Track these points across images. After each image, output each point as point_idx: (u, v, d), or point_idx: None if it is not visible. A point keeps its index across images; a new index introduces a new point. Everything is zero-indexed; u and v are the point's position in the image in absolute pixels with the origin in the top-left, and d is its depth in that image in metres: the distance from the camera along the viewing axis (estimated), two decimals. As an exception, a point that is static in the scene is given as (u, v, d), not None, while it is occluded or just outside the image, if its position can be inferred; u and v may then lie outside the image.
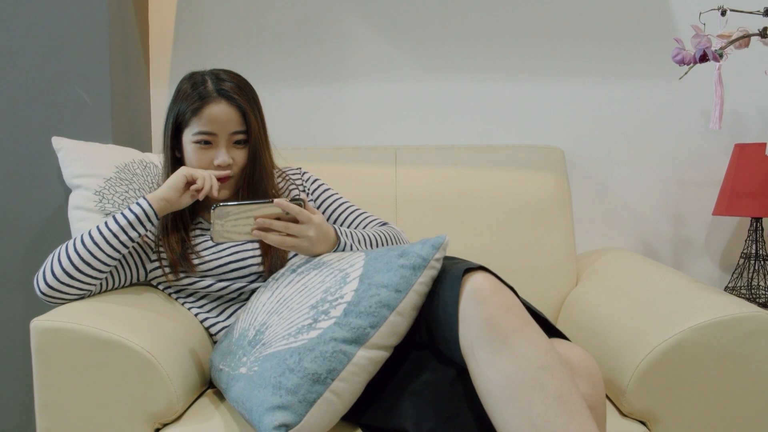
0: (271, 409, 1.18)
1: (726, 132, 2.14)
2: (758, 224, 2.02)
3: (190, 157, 1.57)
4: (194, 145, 1.56)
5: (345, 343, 1.21)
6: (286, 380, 1.19)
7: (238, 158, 1.59)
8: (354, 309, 1.23)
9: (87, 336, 1.28)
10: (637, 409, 1.35)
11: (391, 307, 1.22)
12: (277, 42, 2.13)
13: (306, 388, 1.18)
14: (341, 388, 1.19)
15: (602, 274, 1.78)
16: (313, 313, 1.26)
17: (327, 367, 1.19)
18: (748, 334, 1.33)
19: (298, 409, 1.17)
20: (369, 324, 1.21)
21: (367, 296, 1.24)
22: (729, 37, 1.50)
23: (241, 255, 1.58)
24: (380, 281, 1.25)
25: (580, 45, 2.14)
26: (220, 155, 1.56)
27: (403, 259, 1.25)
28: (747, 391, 1.34)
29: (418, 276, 1.24)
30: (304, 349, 1.22)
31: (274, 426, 1.16)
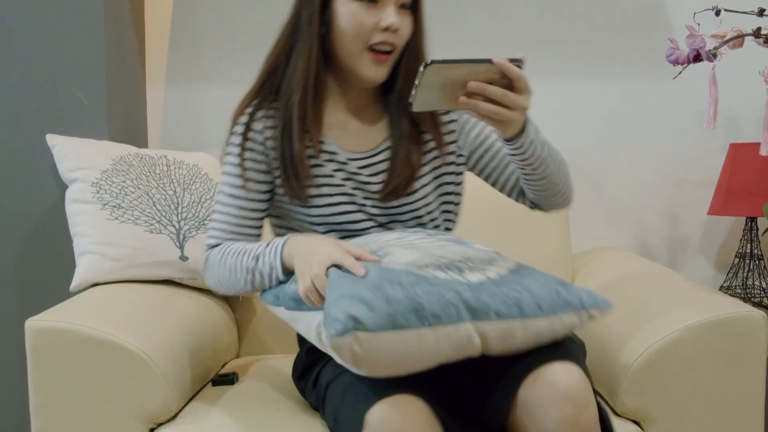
0: (356, 298, 1.05)
1: (721, 132, 2.14)
2: (753, 224, 2.03)
3: (347, 20, 1.29)
4: (355, 5, 1.28)
5: (465, 305, 1.09)
6: (390, 288, 1.07)
7: (404, 25, 1.31)
8: (491, 287, 1.12)
9: (82, 336, 1.28)
10: (631, 409, 1.36)
11: (525, 315, 1.11)
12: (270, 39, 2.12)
13: (403, 308, 1.06)
14: (428, 340, 1.06)
15: (598, 273, 1.78)
16: (446, 261, 1.16)
17: (434, 309, 1.07)
18: (741, 333, 1.34)
19: (381, 319, 1.04)
20: (495, 310, 1.10)
21: (509, 287, 1.14)
22: (723, 37, 1.51)
23: (355, 216, 1.35)
24: (530, 286, 1.15)
25: (576, 45, 2.15)
26: (388, 14, 1.28)
27: (563, 288, 1.16)
28: (740, 391, 1.35)
29: (566, 312, 1.14)
30: (424, 279, 1.10)
31: (348, 311, 1.03)
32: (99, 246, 1.58)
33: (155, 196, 1.68)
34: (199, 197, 1.74)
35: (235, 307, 1.83)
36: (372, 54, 1.31)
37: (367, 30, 1.29)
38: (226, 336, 1.72)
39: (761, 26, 1.51)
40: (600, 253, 1.96)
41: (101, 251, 1.58)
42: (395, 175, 1.35)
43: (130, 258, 1.59)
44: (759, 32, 1.50)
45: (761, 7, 1.55)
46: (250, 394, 1.47)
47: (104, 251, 1.58)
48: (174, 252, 1.64)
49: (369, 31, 1.29)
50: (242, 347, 1.82)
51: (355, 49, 1.31)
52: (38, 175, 1.82)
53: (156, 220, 1.66)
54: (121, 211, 1.63)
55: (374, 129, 1.41)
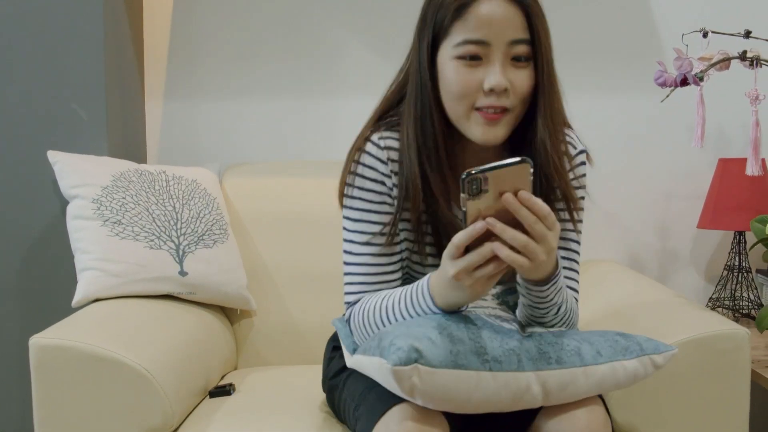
0: (421, 336, 1.04)
1: (710, 147, 2.18)
2: (741, 237, 2.07)
3: (449, 80, 1.16)
4: (456, 63, 1.14)
5: (526, 353, 1.08)
6: (454, 329, 1.07)
7: (518, 82, 1.15)
8: (551, 338, 1.12)
9: (84, 353, 1.32)
10: (620, 424, 1.40)
11: (585, 362, 1.10)
12: (266, 56, 2.17)
13: (466, 348, 1.05)
14: (487, 383, 1.05)
15: (587, 288, 1.81)
16: (513, 318, 1.18)
17: (497, 354, 1.06)
18: (726, 350, 1.37)
19: (442, 355, 1.03)
20: (556, 358, 1.09)
21: (569, 337, 1.13)
22: (710, 60, 1.55)
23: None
24: (588, 337, 1.14)
25: (569, 61, 2.18)
26: (493, 74, 1.13)
27: (621, 337, 1.15)
28: (725, 405, 1.39)
29: (626, 357, 1.12)
30: (488, 325, 1.11)
31: (412, 344, 1.02)
32: (100, 262, 1.61)
33: (155, 212, 1.71)
34: (197, 212, 1.78)
35: (233, 320, 1.86)
36: (482, 114, 1.16)
37: (471, 91, 1.15)
38: (225, 349, 1.75)
39: (746, 49, 1.55)
40: (591, 267, 1.99)
41: (102, 267, 1.60)
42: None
43: (131, 274, 1.62)
44: (744, 55, 1.54)
45: (747, 30, 1.59)
46: (248, 405, 1.50)
47: (105, 267, 1.61)
48: (173, 267, 1.67)
49: (473, 92, 1.15)
50: (240, 359, 1.85)
51: (461, 110, 1.18)
52: (39, 191, 1.85)
53: (156, 235, 1.69)
54: (121, 228, 1.66)
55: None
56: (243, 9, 2.14)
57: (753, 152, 1.55)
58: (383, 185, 1.24)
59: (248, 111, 2.17)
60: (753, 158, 1.55)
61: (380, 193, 1.24)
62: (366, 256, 1.25)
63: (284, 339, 1.86)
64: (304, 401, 1.49)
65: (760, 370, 1.64)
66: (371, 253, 1.25)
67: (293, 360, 1.84)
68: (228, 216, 1.87)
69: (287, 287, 1.87)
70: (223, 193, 1.92)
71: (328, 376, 1.41)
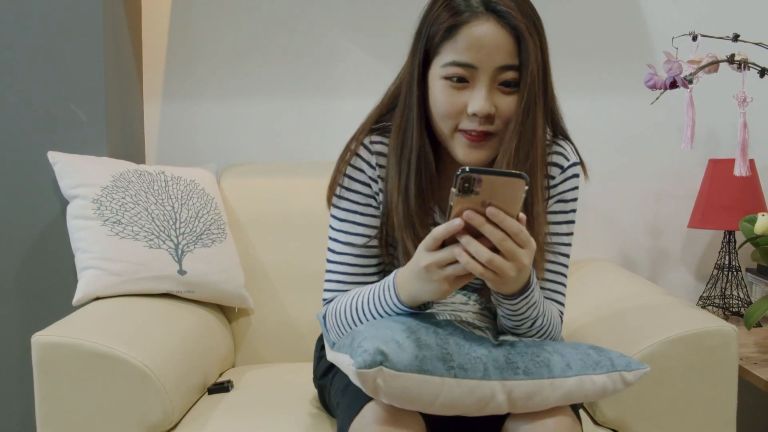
0: (389, 339, 1.05)
1: (701, 148, 2.21)
2: (731, 237, 2.10)
3: (435, 99, 1.16)
4: (443, 83, 1.15)
5: (493, 362, 1.09)
6: (423, 333, 1.08)
7: (503, 107, 1.15)
8: (520, 347, 1.12)
9: (86, 350, 1.34)
10: (609, 419, 1.43)
11: (553, 375, 1.10)
12: (264, 57, 2.19)
13: (432, 354, 1.06)
14: (451, 389, 1.06)
15: (579, 286, 1.84)
16: (488, 326, 1.17)
17: (463, 361, 1.07)
18: (714, 347, 1.41)
19: (408, 360, 1.04)
20: (524, 369, 1.09)
21: (540, 347, 1.13)
22: (699, 63, 1.57)
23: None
24: (560, 349, 1.14)
25: (561, 61, 2.21)
26: (476, 99, 1.13)
27: (593, 351, 1.15)
28: (712, 401, 1.42)
29: (596, 371, 1.12)
30: (459, 332, 1.11)
31: (378, 347, 1.03)
32: (100, 261, 1.63)
33: (154, 212, 1.74)
34: (196, 212, 1.80)
35: (231, 318, 1.89)
36: (465, 135, 1.17)
37: (455, 113, 1.16)
38: (223, 346, 1.78)
39: (735, 52, 1.58)
40: (584, 266, 2.02)
41: (102, 266, 1.63)
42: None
43: (131, 273, 1.65)
44: (732, 58, 1.57)
45: (736, 33, 1.62)
46: (246, 401, 1.53)
47: (105, 266, 1.63)
48: (172, 266, 1.70)
49: (457, 114, 1.16)
50: (238, 356, 1.88)
51: (446, 129, 1.18)
52: (39, 191, 1.87)
53: (155, 235, 1.71)
54: (121, 227, 1.69)
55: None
56: (241, 11, 2.17)
57: (741, 153, 1.58)
58: (369, 188, 1.26)
59: (246, 112, 2.19)
60: (741, 159, 1.58)
61: (366, 195, 1.26)
62: (347, 255, 1.27)
63: (281, 337, 1.88)
64: (300, 398, 1.52)
65: (748, 366, 1.67)
66: (352, 253, 1.27)
67: (290, 357, 1.86)
68: (226, 216, 1.89)
69: (284, 286, 1.90)
70: (221, 193, 1.94)
71: (317, 376, 1.45)
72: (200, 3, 2.16)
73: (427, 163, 1.21)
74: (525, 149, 1.16)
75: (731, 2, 2.17)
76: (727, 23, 1.87)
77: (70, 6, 1.86)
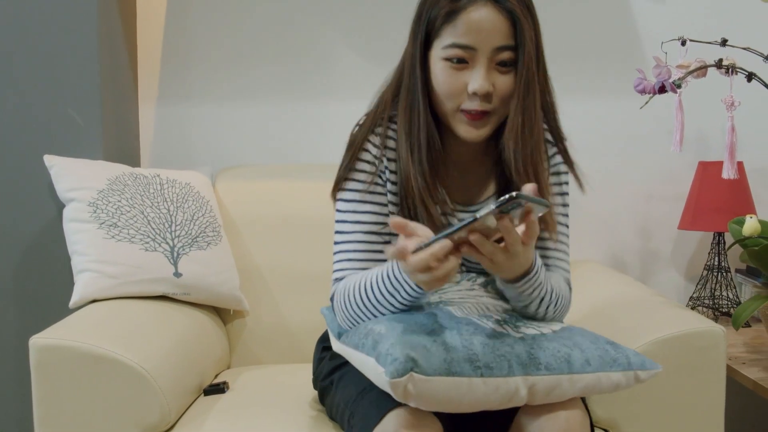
0: (416, 345, 1.08)
1: (691, 150, 2.23)
2: (720, 238, 2.13)
3: (437, 80, 1.24)
4: (444, 64, 1.22)
5: (517, 359, 1.12)
6: (447, 336, 1.12)
7: (501, 85, 1.23)
8: (543, 342, 1.15)
9: (83, 352, 1.36)
10: (601, 419, 1.45)
11: (573, 370, 1.14)
12: (259, 60, 2.20)
13: (459, 356, 1.09)
14: (478, 388, 1.10)
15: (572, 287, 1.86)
16: (505, 316, 1.20)
17: (488, 360, 1.10)
18: (702, 347, 1.43)
19: (437, 364, 1.07)
20: (545, 364, 1.13)
21: (560, 342, 1.16)
22: (688, 67, 1.60)
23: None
24: (580, 343, 1.18)
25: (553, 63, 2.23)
26: (476, 79, 1.20)
27: (611, 347, 1.19)
28: (701, 401, 1.45)
29: (613, 369, 1.16)
30: (481, 330, 1.15)
31: (407, 353, 1.05)
32: (97, 264, 1.65)
33: (150, 215, 1.76)
34: (191, 215, 1.82)
35: (226, 320, 1.90)
36: (465, 114, 1.24)
37: (457, 92, 1.23)
38: (218, 348, 1.79)
39: (722, 57, 1.60)
40: (575, 267, 2.03)
41: (99, 269, 1.64)
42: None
43: (127, 275, 1.66)
44: (720, 63, 1.60)
45: (724, 38, 1.64)
46: (242, 403, 1.54)
47: (102, 269, 1.64)
48: (168, 269, 1.71)
49: (459, 93, 1.23)
50: (233, 358, 1.90)
51: (448, 110, 1.26)
52: (36, 195, 1.88)
53: (151, 238, 1.73)
54: (117, 230, 1.70)
55: (482, 182, 1.37)
56: (235, 14, 2.18)
57: (729, 157, 1.60)
58: (375, 167, 1.31)
59: (241, 115, 2.21)
60: (729, 162, 1.61)
61: (371, 173, 1.31)
62: (356, 234, 1.31)
63: (276, 338, 1.90)
64: (295, 399, 1.54)
65: (736, 366, 1.69)
66: (362, 231, 1.30)
67: (285, 359, 1.88)
68: (221, 218, 1.91)
69: (279, 288, 1.91)
70: (216, 195, 1.96)
71: (318, 378, 1.46)
72: (195, 6, 2.18)
73: (434, 139, 1.28)
74: (529, 125, 1.24)
75: (720, 7, 2.20)
76: (716, 27, 1.90)
77: (65, 10, 1.88)
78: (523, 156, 1.26)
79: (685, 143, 1.95)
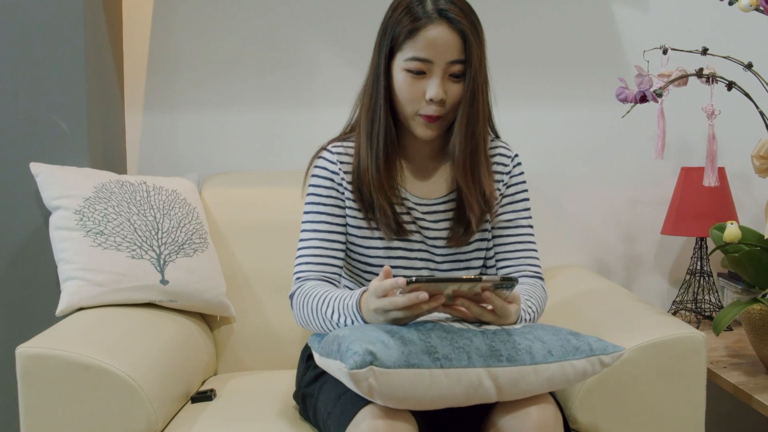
0: (375, 340, 1.15)
1: (673, 156, 2.26)
2: (703, 243, 2.15)
3: (399, 87, 1.43)
4: (405, 74, 1.41)
5: (476, 351, 1.18)
6: (405, 331, 1.18)
7: (452, 93, 1.43)
8: (504, 335, 1.22)
9: (70, 361, 1.36)
10: (583, 424, 1.47)
11: (535, 361, 1.20)
12: (244, 68, 2.21)
13: (417, 348, 1.15)
14: (440, 380, 1.15)
15: (553, 292, 1.88)
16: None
17: (447, 351, 1.17)
18: (683, 353, 1.45)
19: (396, 356, 1.14)
20: (507, 356, 1.19)
21: (521, 336, 1.23)
22: (669, 76, 1.62)
23: (413, 254, 1.52)
24: (541, 336, 1.24)
25: (537, 71, 2.25)
26: (432, 87, 1.40)
27: (573, 337, 1.26)
28: (681, 405, 1.47)
29: (576, 357, 1.23)
30: (438, 326, 1.21)
31: (366, 347, 1.13)
32: (83, 272, 1.65)
33: (136, 223, 1.76)
34: (178, 222, 1.83)
35: (213, 326, 1.91)
36: (423, 117, 1.44)
37: (416, 99, 1.42)
38: (205, 354, 1.80)
39: (703, 67, 1.62)
40: (559, 272, 2.06)
41: (86, 277, 1.65)
42: (460, 225, 1.50)
43: (114, 283, 1.67)
44: (701, 72, 1.62)
45: (704, 47, 1.67)
46: (228, 409, 1.56)
47: (88, 277, 1.65)
48: (155, 276, 1.72)
49: (417, 99, 1.42)
50: (220, 364, 1.90)
51: (408, 113, 1.45)
52: (22, 203, 1.88)
53: (137, 245, 1.74)
54: (103, 238, 1.71)
55: (439, 178, 1.55)
56: (221, 22, 2.19)
57: (709, 164, 1.63)
58: (332, 181, 1.51)
59: (227, 122, 2.22)
60: (710, 170, 1.63)
61: (327, 188, 1.51)
62: (314, 240, 1.49)
63: (263, 344, 1.91)
64: (282, 406, 1.55)
65: (718, 370, 1.72)
66: (317, 238, 1.49)
67: (271, 365, 1.89)
68: (207, 225, 1.92)
69: (265, 294, 1.92)
70: (202, 202, 1.97)
71: (302, 385, 1.49)
72: (181, 13, 2.18)
73: (392, 137, 1.48)
74: (471, 129, 1.45)
75: (702, 16, 2.22)
76: (698, 36, 1.93)
77: (51, 17, 1.88)
78: (466, 154, 1.46)
79: (668, 149, 1.97)
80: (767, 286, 1.61)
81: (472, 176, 1.48)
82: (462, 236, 1.51)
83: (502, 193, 1.54)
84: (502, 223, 1.54)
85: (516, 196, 1.56)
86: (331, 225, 1.50)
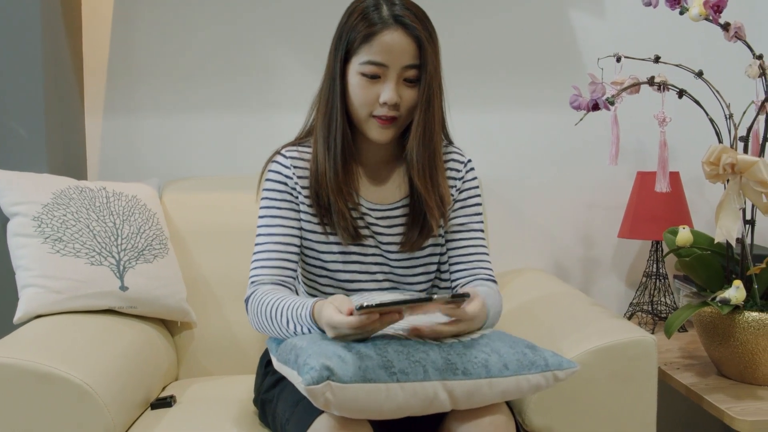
0: (332, 355, 1.16)
1: (630, 160, 2.30)
2: (658, 246, 2.19)
3: (354, 91, 1.43)
4: (360, 77, 1.42)
5: (432, 365, 1.20)
6: (363, 346, 1.19)
7: (406, 97, 1.44)
8: (461, 349, 1.24)
9: (26, 370, 1.35)
10: (537, 426, 1.49)
11: (491, 374, 1.22)
12: (205, 72, 2.21)
13: (374, 363, 1.17)
14: (396, 394, 1.17)
15: (512, 296, 1.91)
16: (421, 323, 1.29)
17: (403, 366, 1.18)
18: (634, 356, 1.48)
19: (352, 372, 1.15)
20: (462, 369, 1.21)
21: (478, 348, 1.25)
22: (622, 84, 1.65)
23: (368, 259, 1.54)
24: (498, 348, 1.26)
25: (495, 75, 2.28)
26: (387, 91, 1.41)
27: (530, 350, 1.27)
28: (633, 407, 1.50)
29: (531, 372, 1.25)
30: (395, 340, 1.23)
31: (323, 362, 1.14)
32: (41, 279, 1.65)
33: (95, 229, 1.76)
34: (138, 228, 1.82)
35: (174, 332, 1.91)
36: (377, 119, 1.45)
37: (370, 102, 1.43)
38: (166, 360, 1.80)
39: (654, 75, 1.66)
40: (518, 275, 2.09)
41: (44, 284, 1.64)
42: (413, 230, 1.52)
43: (72, 290, 1.66)
44: (653, 80, 1.65)
45: (657, 55, 1.70)
46: (188, 415, 1.56)
47: (47, 284, 1.64)
48: (114, 282, 1.72)
49: (371, 103, 1.43)
50: (181, 370, 1.90)
51: (362, 116, 1.46)
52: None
53: (96, 252, 1.73)
54: (62, 245, 1.70)
55: (393, 184, 1.56)
56: (182, 27, 2.19)
57: (661, 170, 1.66)
58: (286, 186, 1.52)
59: (187, 127, 2.22)
60: (661, 176, 1.66)
61: (281, 191, 1.52)
62: (269, 244, 1.50)
63: (224, 349, 1.91)
64: (242, 411, 1.56)
65: (671, 372, 1.75)
66: (273, 242, 1.50)
67: (233, 370, 1.90)
68: (168, 230, 1.91)
69: (226, 299, 1.93)
70: (162, 208, 1.97)
71: (261, 391, 1.50)
72: (141, 18, 2.18)
73: (348, 140, 1.49)
74: (428, 133, 1.47)
75: (655, 24, 2.25)
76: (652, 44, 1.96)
77: (7, 22, 1.87)
78: (424, 159, 1.48)
79: (624, 153, 2.00)
80: (718, 289, 1.65)
81: (431, 180, 1.50)
82: (415, 241, 1.53)
83: (455, 198, 1.57)
84: (455, 227, 1.56)
85: (468, 201, 1.58)
86: (286, 228, 1.51)
